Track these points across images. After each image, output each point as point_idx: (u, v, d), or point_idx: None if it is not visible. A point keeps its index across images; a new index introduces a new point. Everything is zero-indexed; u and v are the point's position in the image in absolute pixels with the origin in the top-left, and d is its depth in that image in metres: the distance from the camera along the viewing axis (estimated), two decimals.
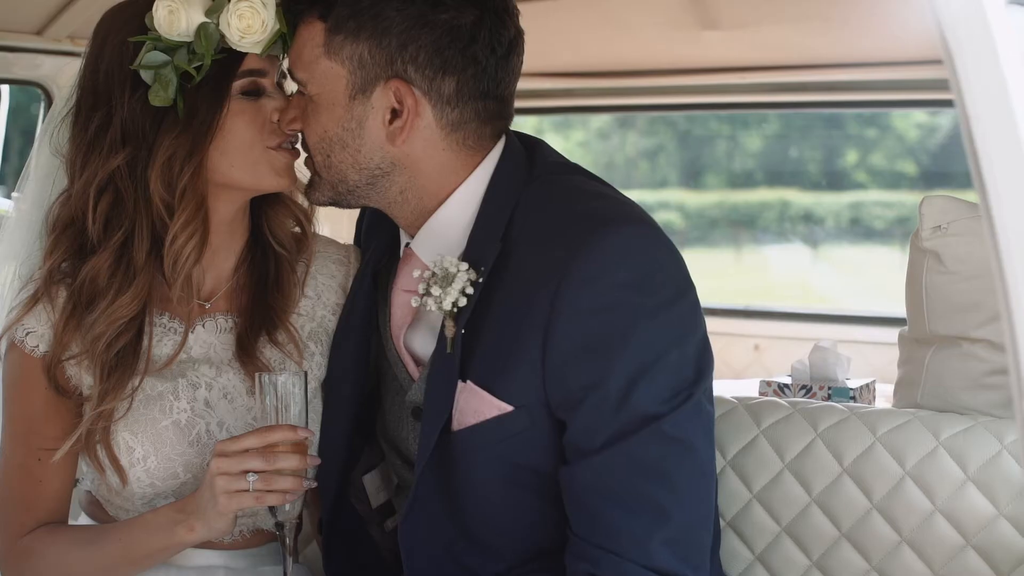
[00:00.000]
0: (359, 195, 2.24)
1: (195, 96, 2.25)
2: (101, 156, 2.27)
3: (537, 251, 2.12)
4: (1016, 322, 1.41)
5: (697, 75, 4.77)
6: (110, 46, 2.28)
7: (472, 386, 2.14)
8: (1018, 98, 1.41)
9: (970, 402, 2.43)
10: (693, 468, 2.11)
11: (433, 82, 2.15)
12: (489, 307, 2.13)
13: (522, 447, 2.14)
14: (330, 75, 2.17)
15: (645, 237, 2.13)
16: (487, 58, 2.17)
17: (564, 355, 2.08)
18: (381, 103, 2.16)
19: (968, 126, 1.41)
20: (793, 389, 3.60)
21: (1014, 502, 2.29)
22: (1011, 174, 1.40)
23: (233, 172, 2.29)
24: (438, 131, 2.18)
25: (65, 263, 2.31)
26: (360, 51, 2.15)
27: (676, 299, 2.12)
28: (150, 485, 2.30)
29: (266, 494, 2.13)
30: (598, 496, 2.08)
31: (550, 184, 2.23)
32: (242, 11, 2.22)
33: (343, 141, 2.19)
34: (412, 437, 2.29)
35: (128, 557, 2.27)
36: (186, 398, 2.32)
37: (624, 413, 2.06)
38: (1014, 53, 1.42)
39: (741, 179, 8.44)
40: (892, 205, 8.28)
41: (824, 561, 2.42)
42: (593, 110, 5.71)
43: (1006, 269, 1.41)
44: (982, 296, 2.42)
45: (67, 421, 2.31)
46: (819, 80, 4.75)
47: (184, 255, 2.28)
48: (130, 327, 2.28)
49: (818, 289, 8.31)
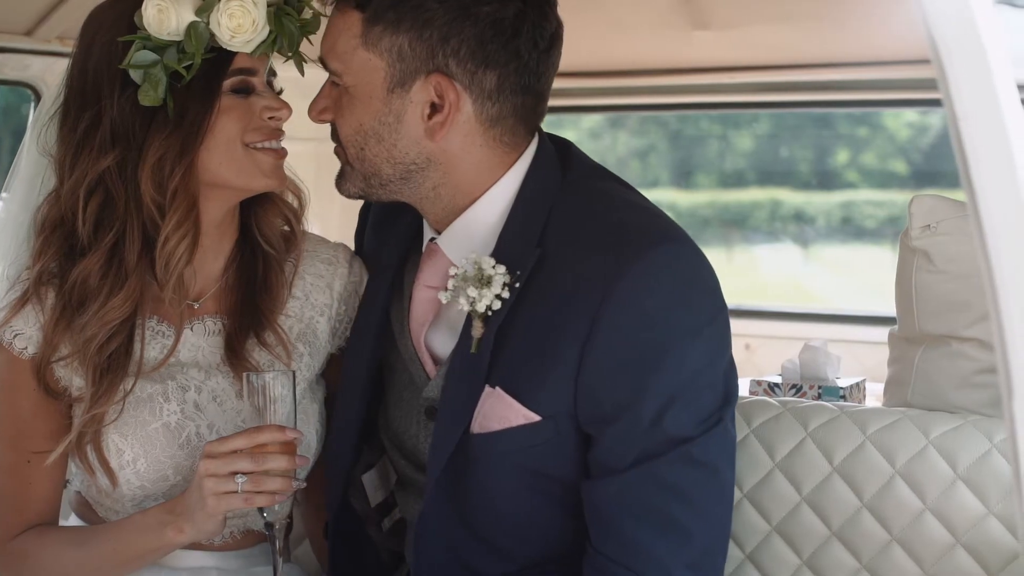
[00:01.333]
0: (391, 189, 2.21)
1: (185, 95, 2.23)
2: (91, 156, 2.25)
3: (577, 262, 2.10)
4: (1004, 321, 1.42)
5: (688, 75, 4.77)
6: (98, 45, 2.26)
7: (500, 392, 2.11)
8: (1006, 98, 1.42)
9: (960, 401, 2.44)
10: (717, 493, 2.12)
11: (475, 76, 2.12)
12: (520, 312, 2.11)
13: (543, 456, 2.13)
14: (367, 67, 2.14)
15: (688, 255, 2.13)
16: (529, 52, 2.14)
17: (601, 371, 2.06)
18: (420, 97, 2.13)
19: (956, 126, 1.41)
20: (783, 388, 3.61)
21: (1004, 500, 2.29)
22: (999, 174, 1.40)
23: (222, 171, 2.27)
24: (477, 127, 2.15)
25: (54, 264, 2.30)
26: (400, 43, 2.11)
27: (715, 317, 2.12)
28: (140, 487, 2.30)
29: (255, 495, 2.13)
30: (623, 514, 2.07)
31: (587, 191, 2.20)
32: (232, 10, 2.20)
33: (379, 134, 2.16)
34: (423, 435, 2.27)
35: (118, 558, 2.27)
36: (176, 400, 2.31)
37: (656, 434, 2.06)
38: (1002, 53, 1.42)
39: (732, 179, 8.44)
40: (883, 204, 8.29)
41: (814, 560, 2.42)
42: (584, 110, 5.71)
43: (994, 268, 1.41)
44: (971, 295, 2.42)
45: (57, 423, 2.31)
46: (810, 80, 4.75)
47: (176, 256, 2.26)
48: (121, 329, 2.27)
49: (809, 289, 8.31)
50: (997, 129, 1.41)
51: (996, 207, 1.41)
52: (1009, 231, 1.41)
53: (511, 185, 2.19)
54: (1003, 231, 1.41)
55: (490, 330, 2.11)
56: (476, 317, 2.11)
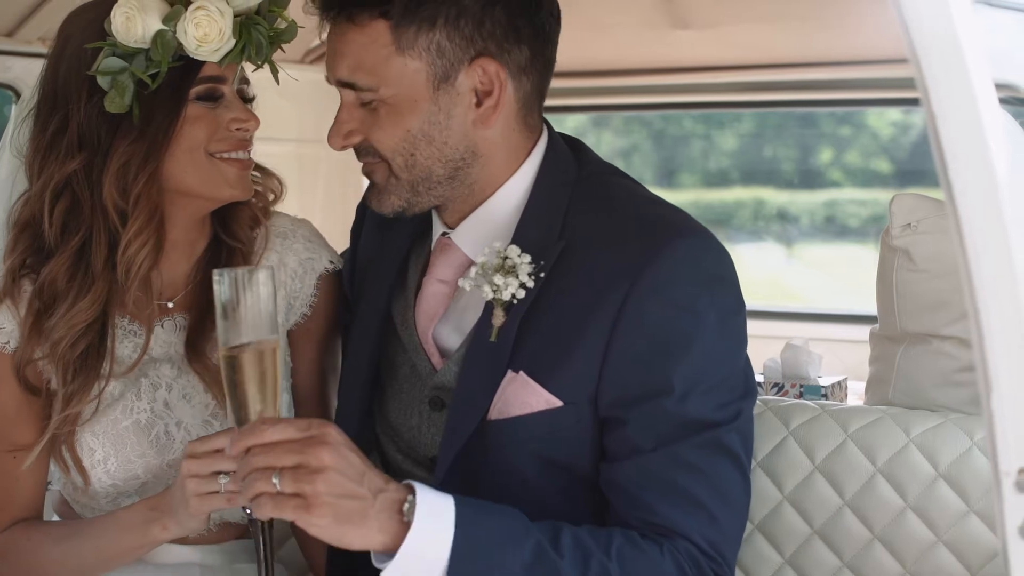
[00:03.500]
0: (436, 193, 2.19)
1: (151, 103, 2.22)
2: (58, 160, 2.25)
3: (602, 251, 2.11)
4: (982, 319, 1.42)
5: (671, 75, 4.78)
6: (71, 49, 2.26)
7: (524, 377, 2.12)
8: (983, 98, 1.42)
9: (940, 399, 2.45)
10: (740, 482, 2.12)
11: (511, 54, 2.13)
12: (542, 300, 2.12)
13: (560, 444, 2.14)
14: (406, 72, 2.11)
15: (713, 248, 2.14)
16: (549, 23, 2.16)
17: (627, 357, 2.08)
18: (467, 86, 2.12)
19: (934, 125, 1.42)
20: (765, 387, 3.62)
21: (984, 498, 2.30)
22: (976, 173, 1.41)
23: (187, 179, 2.27)
24: (514, 106, 2.16)
25: (29, 259, 2.29)
26: (437, 39, 2.09)
27: (737, 310, 2.15)
28: (112, 486, 2.30)
29: (237, 495, 2.12)
30: (648, 491, 2.08)
31: (605, 185, 2.23)
32: (199, 19, 2.18)
33: (428, 136, 2.14)
34: (425, 427, 2.27)
35: (103, 554, 2.27)
36: (147, 398, 2.31)
37: (680, 416, 2.07)
38: (980, 53, 1.43)
39: (716, 178, 8.45)
40: (866, 203, 8.30)
41: (796, 559, 2.42)
42: (568, 110, 5.71)
43: (972, 267, 1.42)
44: (952, 294, 2.43)
45: (40, 417, 2.31)
46: (793, 79, 4.76)
47: (136, 263, 2.25)
48: (91, 330, 2.27)
49: (793, 288, 8.32)
50: (975, 129, 1.41)
51: (974, 206, 1.42)
52: (986, 229, 1.41)
53: (526, 178, 2.21)
54: (980, 229, 1.41)
55: (513, 318, 2.12)
56: (498, 305, 2.12)
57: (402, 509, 1.93)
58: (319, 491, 1.89)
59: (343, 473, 1.91)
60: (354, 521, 1.91)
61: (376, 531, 1.93)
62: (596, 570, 1.99)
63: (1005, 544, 1.45)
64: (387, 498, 1.93)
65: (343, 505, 1.90)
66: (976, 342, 1.43)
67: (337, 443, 1.93)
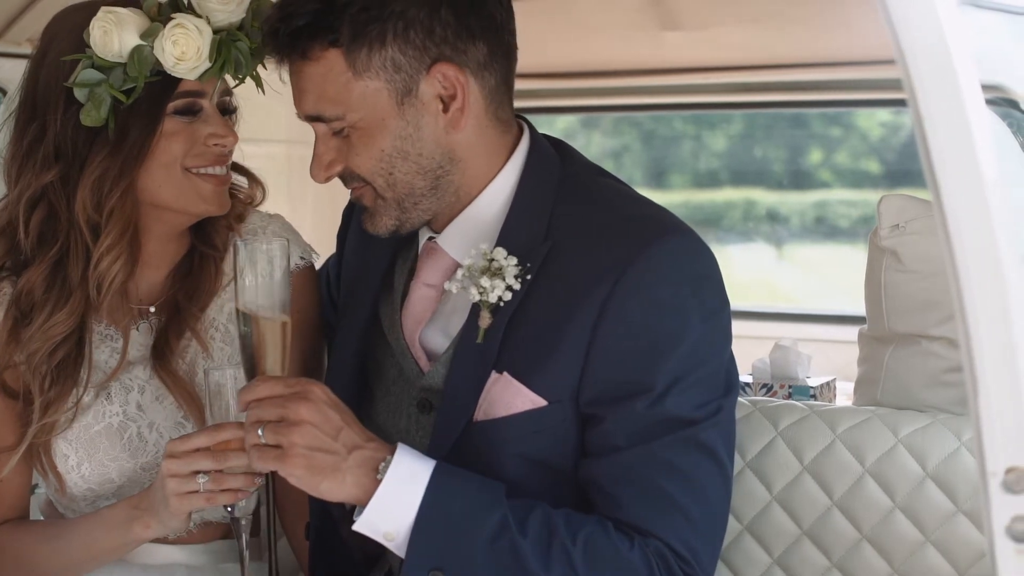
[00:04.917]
0: (423, 207, 2.19)
1: (128, 116, 2.21)
2: (34, 169, 2.24)
3: (587, 251, 2.13)
4: (969, 320, 1.43)
5: (660, 76, 4.77)
6: (51, 57, 2.25)
7: (508, 378, 2.13)
8: (970, 99, 1.43)
9: (929, 399, 2.45)
10: (717, 480, 2.12)
11: (468, 53, 2.12)
12: (528, 301, 2.13)
13: (548, 444, 2.14)
14: (368, 94, 2.11)
15: (697, 247, 2.16)
16: (501, 13, 2.16)
17: (608, 354, 2.09)
18: (430, 95, 2.12)
19: (921, 126, 1.42)
20: (754, 388, 3.62)
21: (972, 498, 2.30)
22: (963, 174, 1.41)
23: (162, 193, 2.26)
24: (483, 103, 2.16)
25: (9, 262, 2.29)
26: (390, 55, 2.09)
27: (721, 309, 2.16)
28: (88, 490, 2.31)
29: (217, 494, 2.12)
30: (625, 491, 2.09)
31: (588, 184, 2.23)
32: (177, 37, 2.18)
33: (403, 152, 2.14)
34: (413, 429, 2.27)
35: (88, 552, 2.28)
36: (119, 401, 2.31)
37: (658, 414, 2.07)
38: (966, 53, 1.43)
39: (706, 179, 8.45)
40: (856, 204, 8.31)
41: (785, 559, 2.43)
42: (557, 111, 5.71)
43: (959, 267, 1.42)
44: (940, 294, 2.43)
45: (21, 420, 2.31)
46: (782, 80, 4.76)
47: (108, 278, 2.25)
48: (68, 341, 2.26)
49: (783, 288, 8.33)
50: (961, 129, 1.42)
51: (961, 206, 1.42)
52: (974, 230, 1.42)
53: (510, 179, 2.21)
54: (968, 230, 1.42)
55: (499, 320, 2.13)
56: (485, 307, 2.13)
57: (378, 467, 2.02)
58: (294, 442, 2.00)
59: (319, 427, 2.01)
60: (326, 474, 2.01)
61: (351, 485, 2.03)
62: (558, 552, 2.02)
63: (992, 544, 1.45)
64: (363, 455, 2.03)
65: (315, 458, 2.01)
66: (963, 343, 1.44)
67: (318, 399, 2.03)
